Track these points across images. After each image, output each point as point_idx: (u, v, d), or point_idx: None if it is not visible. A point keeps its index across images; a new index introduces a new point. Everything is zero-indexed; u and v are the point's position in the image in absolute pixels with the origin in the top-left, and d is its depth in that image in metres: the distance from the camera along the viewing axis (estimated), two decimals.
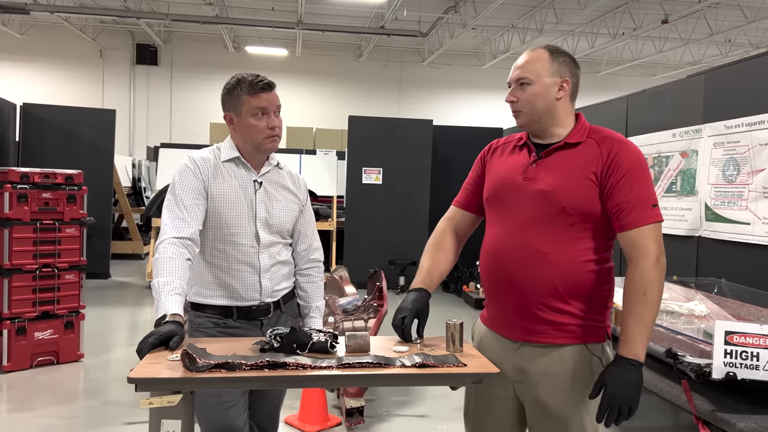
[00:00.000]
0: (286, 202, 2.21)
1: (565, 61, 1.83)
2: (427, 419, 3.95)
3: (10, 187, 4.57)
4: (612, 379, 1.66)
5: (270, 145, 2.11)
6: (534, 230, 1.77)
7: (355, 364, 1.64)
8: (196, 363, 1.57)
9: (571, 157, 1.78)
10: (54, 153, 8.30)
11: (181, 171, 2.10)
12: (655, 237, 1.71)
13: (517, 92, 1.83)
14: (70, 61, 15.74)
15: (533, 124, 1.84)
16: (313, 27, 13.69)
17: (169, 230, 1.97)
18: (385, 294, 4.13)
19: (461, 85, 17.35)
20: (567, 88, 1.82)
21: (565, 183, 1.75)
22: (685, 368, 2.44)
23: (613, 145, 1.77)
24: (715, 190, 4.45)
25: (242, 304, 2.12)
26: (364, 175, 8.85)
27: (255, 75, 2.09)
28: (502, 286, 1.85)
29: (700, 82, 4.81)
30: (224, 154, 2.15)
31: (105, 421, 3.79)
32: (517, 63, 1.86)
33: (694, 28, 13.44)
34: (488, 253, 1.89)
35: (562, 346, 1.78)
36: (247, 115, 2.07)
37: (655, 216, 1.72)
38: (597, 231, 1.77)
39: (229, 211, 2.09)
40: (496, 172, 1.92)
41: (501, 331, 1.89)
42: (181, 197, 2.03)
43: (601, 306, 1.81)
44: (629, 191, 1.71)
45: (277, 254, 2.18)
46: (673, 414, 4.19)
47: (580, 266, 1.76)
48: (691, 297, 3.56)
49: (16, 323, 4.57)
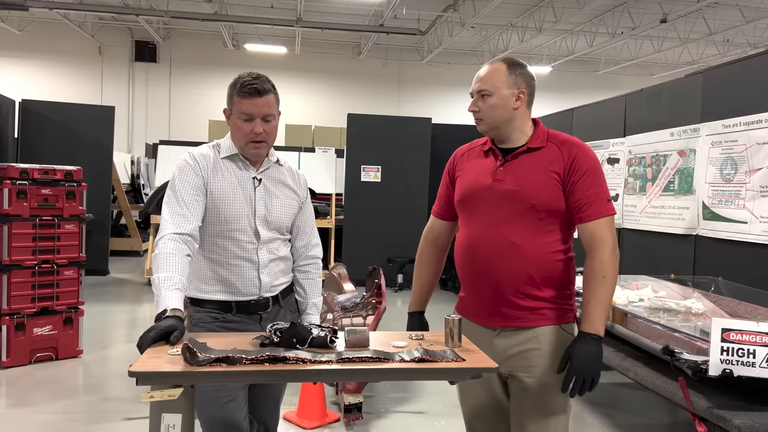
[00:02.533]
0: (286, 199, 2.21)
1: (522, 72, 2.01)
2: (425, 416, 3.97)
3: (9, 183, 4.57)
4: (576, 353, 1.86)
5: (252, 151, 2.11)
6: (507, 226, 1.96)
7: (354, 358, 1.65)
8: (196, 357, 1.58)
9: (535, 159, 1.98)
10: (53, 149, 8.29)
11: (181, 167, 2.10)
12: (610, 228, 1.94)
13: (479, 102, 2.01)
14: (69, 57, 15.71)
15: (494, 131, 2.03)
16: (312, 25, 13.68)
17: (168, 226, 1.97)
18: (384, 291, 4.14)
19: (460, 83, 17.34)
20: (523, 98, 2.01)
21: (532, 183, 1.94)
22: (682, 365, 2.46)
23: (572, 148, 1.98)
24: (713, 189, 4.47)
25: (241, 299, 2.13)
26: (363, 172, 8.85)
27: (253, 77, 2.06)
28: (480, 278, 2.01)
29: (698, 81, 4.83)
30: (224, 150, 2.15)
31: (104, 417, 3.80)
32: (479, 75, 2.03)
33: (693, 28, 13.46)
34: (465, 249, 2.05)
35: (538, 327, 1.97)
36: (236, 115, 2.08)
37: (610, 210, 1.95)
38: (562, 224, 1.97)
39: (228, 207, 2.09)
40: (466, 176, 2.10)
41: (479, 320, 2.05)
42: (181, 193, 2.04)
43: (569, 291, 2.02)
44: (588, 188, 1.93)
45: (276, 250, 2.19)
46: (670, 411, 4.22)
47: (551, 256, 1.96)
48: (688, 295, 3.58)
49: (15, 319, 4.58)
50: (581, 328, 1.90)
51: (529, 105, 2.04)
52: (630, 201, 5.57)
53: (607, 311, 1.91)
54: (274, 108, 2.10)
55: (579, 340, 1.88)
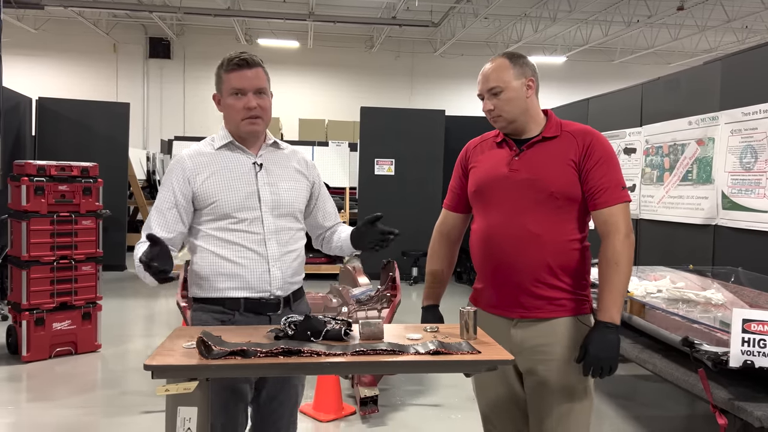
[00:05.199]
0: (294, 181, 2.11)
1: (525, 62, 2.03)
2: (441, 408, 3.96)
3: (27, 180, 4.62)
4: (593, 342, 1.87)
5: (248, 128, 2.02)
6: (526, 215, 1.95)
7: (369, 351, 1.64)
8: (211, 350, 1.59)
9: (551, 148, 1.99)
10: (69, 146, 8.37)
11: (168, 171, 2.07)
12: (624, 215, 1.94)
13: (493, 100, 2.01)
14: (84, 55, 15.83)
15: (511, 125, 2.02)
16: (324, 18, 13.66)
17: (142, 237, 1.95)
18: (398, 284, 4.13)
19: (473, 75, 16.78)
20: (533, 86, 2.02)
21: (550, 171, 1.95)
22: (702, 357, 2.42)
23: (586, 137, 1.98)
24: (732, 178, 4.39)
25: (251, 296, 2.00)
26: (377, 166, 8.84)
27: (239, 52, 2.00)
28: (498, 268, 2.00)
29: (716, 68, 4.74)
30: (218, 141, 2.08)
31: (123, 411, 3.84)
32: (485, 75, 2.04)
33: (711, 15, 13.22)
34: (482, 239, 2.05)
35: (555, 319, 1.97)
36: (226, 94, 2.01)
37: (624, 197, 1.95)
38: (579, 213, 1.98)
39: (228, 199, 2.00)
40: (480, 167, 2.09)
41: (496, 311, 2.04)
42: (159, 205, 2.03)
43: (584, 281, 2.02)
44: (602, 175, 1.93)
45: (288, 242, 2.07)
46: (688, 403, 4.17)
47: (568, 245, 1.96)
48: (707, 286, 3.53)
49: (35, 314, 4.64)
50: (597, 317, 1.90)
51: (537, 93, 2.05)
52: (647, 191, 5.49)
53: (622, 299, 1.90)
54: (266, 82, 2.03)
55: (595, 330, 1.89)
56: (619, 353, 1.89)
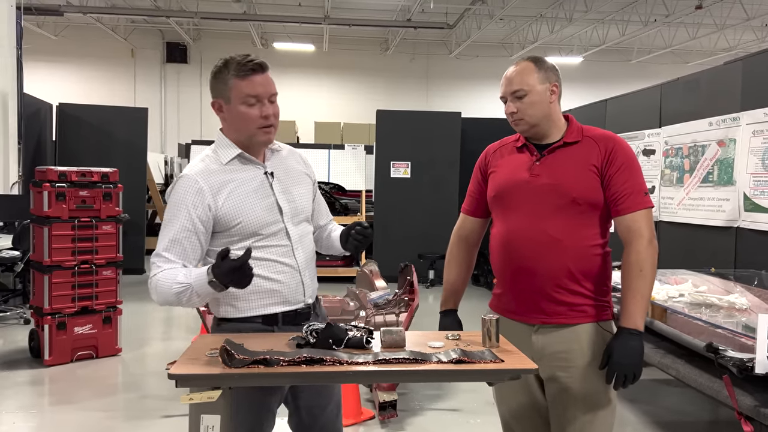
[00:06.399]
0: (303, 185, 2.07)
1: (550, 67, 2.02)
2: (459, 413, 3.94)
3: (48, 186, 4.68)
4: (616, 348, 1.84)
5: (264, 138, 1.92)
6: (547, 220, 1.94)
7: (391, 359, 1.64)
8: (234, 359, 1.59)
9: (572, 153, 1.98)
10: (89, 151, 8.48)
11: (176, 195, 1.87)
12: (647, 221, 1.93)
13: (516, 103, 2.00)
14: (102, 61, 16.03)
15: (533, 129, 2.02)
16: (339, 22, 13.69)
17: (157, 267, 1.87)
18: (416, 288, 4.12)
19: (489, 76, 17.14)
20: (557, 91, 2.02)
21: (572, 176, 1.95)
22: (727, 363, 2.38)
23: (608, 142, 1.98)
24: (754, 179, 4.33)
25: (288, 309, 1.96)
26: (393, 168, 8.84)
27: (245, 55, 1.88)
28: (518, 273, 1.99)
29: (737, 68, 4.68)
30: (224, 155, 1.93)
31: (143, 414, 3.88)
32: (509, 77, 2.02)
33: (730, 14, 13.04)
34: (502, 244, 2.04)
35: (577, 325, 1.95)
36: (238, 102, 1.86)
37: (646, 202, 1.94)
38: (601, 218, 1.97)
39: (254, 217, 1.91)
40: (500, 172, 2.08)
41: (516, 316, 2.02)
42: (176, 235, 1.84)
43: (605, 287, 2.00)
44: (625, 181, 1.93)
45: (308, 246, 2.05)
46: (711, 409, 4.11)
47: (590, 250, 1.95)
48: (730, 289, 3.47)
49: (57, 318, 4.70)
50: (620, 323, 1.88)
51: (559, 99, 2.05)
52: (667, 193, 5.43)
53: (646, 305, 1.89)
54: (275, 87, 1.94)
55: (618, 336, 1.87)
56: (642, 361, 1.86)
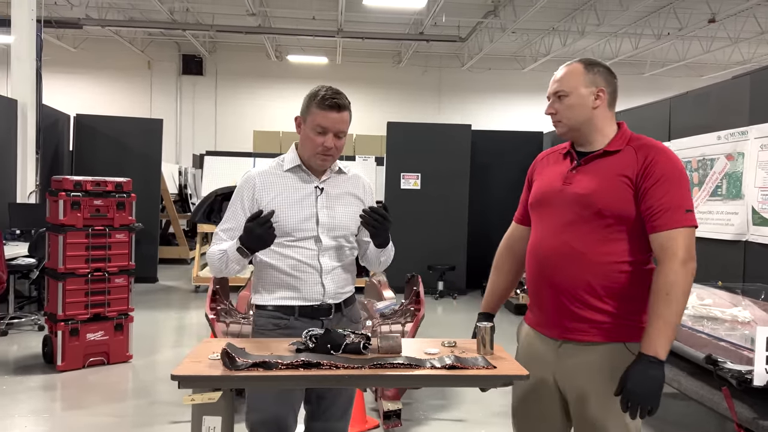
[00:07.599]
0: (350, 206, 2.26)
1: (600, 71, 1.93)
2: (464, 423, 3.96)
3: (64, 195, 4.79)
4: (631, 376, 1.72)
5: (319, 162, 2.19)
6: (572, 231, 1.87)
7: (386, 364, 1.68)
8: (235, 362, 1.65)
9: (609, 163, 1.87)
10: (105, 161, 8.63)
11: (238, 188, 2.25)
12: (686, 241, 1.77)
13: (556, 104, 1.95)
14: (120, 72, 16.33)
15: (572, 132, 1.95)
16: (352, 35, 13.83)
17: (213, 243, 2.22)
18: (422, 299, 4.15)
19: (501, 89, 17.23)
20: (603, 96, 1.91)
21: (601, 186, 1.84)
22: (726, 375, 2.39)
23: (650, 152, 1.84)
24: (763, 193, 4.33)
25: (304, 303, 2.17)
26: (403, 180, 8.89)
27: (334, 92, 2.15)
28: (542, 285, 1.94)
29: (745, 82, 4.69)
30: (287, 163, 2.25)
31: (152, 420, 3.93)
32: (555, 77, 1.97)
33: (743, 27, 13.01)
34: (531, 254, 2.00)
35: (601, 344, 1.84)
36: (310, 126, 2.15)
37: (687, 220, 1.78)
38: (633, 233, 1.83)
39: (288, 219, 2.16)
40: (540, 180, 2.04)
41: (543, 330, 1.97)
42: (227, 220, 2.23)
43: (640, 306, 1.84)
44: (662, 195, 1.78)
45: (341, 257, 2.23)
46: (718, 423, 4.08)
47: (616, 266, 1.83)
48: (736, 303, 3.47)
49: (70, 325, 4.78)
50: (641, 348, 1.75)
51: (611, 105, 1.94)
52: None
53: (669, 333, 1.73)
54: (347, 125, 2.19)
55: (637, 362, 1.73)
56: (661, 391, 1.72)
